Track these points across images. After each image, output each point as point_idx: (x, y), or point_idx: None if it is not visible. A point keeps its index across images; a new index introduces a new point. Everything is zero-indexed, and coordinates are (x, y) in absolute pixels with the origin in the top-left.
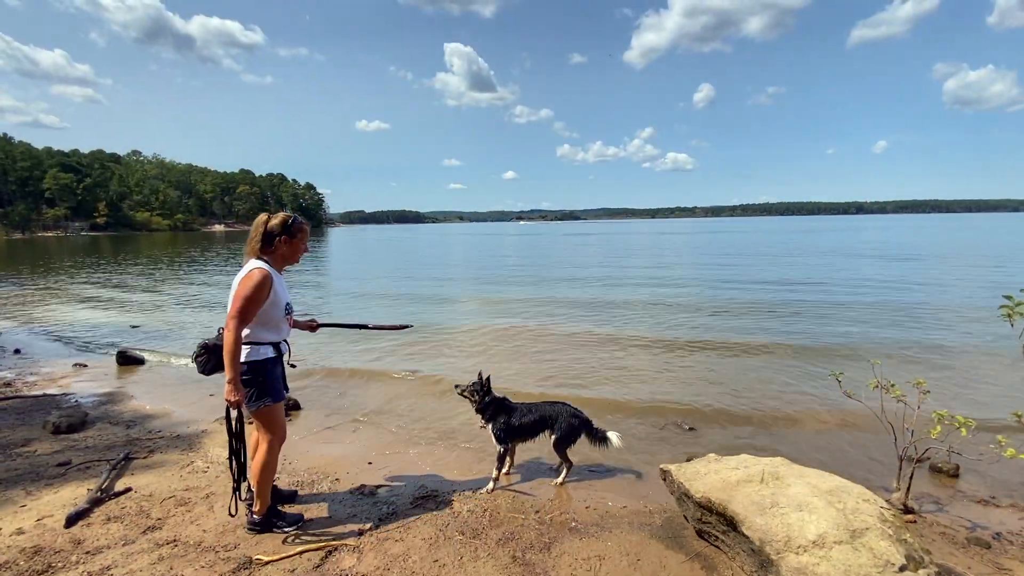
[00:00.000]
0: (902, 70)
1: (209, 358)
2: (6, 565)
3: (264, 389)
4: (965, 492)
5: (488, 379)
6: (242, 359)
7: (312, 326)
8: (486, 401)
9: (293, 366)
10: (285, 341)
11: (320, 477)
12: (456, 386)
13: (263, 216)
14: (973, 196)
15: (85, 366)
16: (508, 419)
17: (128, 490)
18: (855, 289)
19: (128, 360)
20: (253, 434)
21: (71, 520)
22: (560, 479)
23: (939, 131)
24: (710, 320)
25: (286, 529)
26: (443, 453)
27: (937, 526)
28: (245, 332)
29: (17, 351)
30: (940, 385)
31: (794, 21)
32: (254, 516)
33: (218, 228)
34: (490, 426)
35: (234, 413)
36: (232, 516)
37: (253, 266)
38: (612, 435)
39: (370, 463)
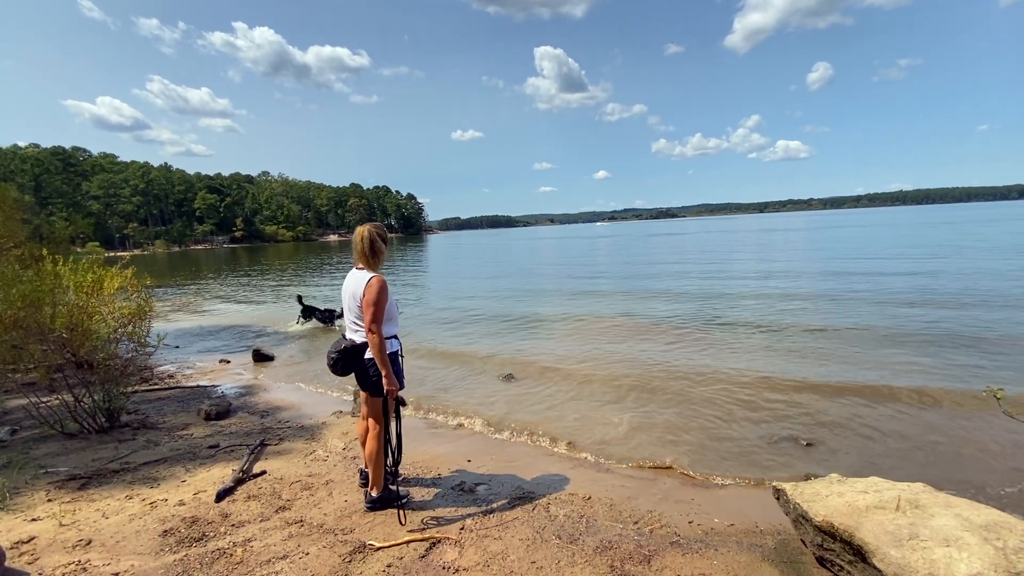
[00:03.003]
0: None
1: (347, 363)
2: (171, 531)
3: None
4: None
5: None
6: (373, 355)
7: None
8: None
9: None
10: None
11: (424, 472)
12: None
13: (365, 228)
14: None
15: (228, 362)
16: None
17: (263, 473)
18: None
19: (262, 357)
20: (361, 423)
21: (220, 496)
22: None
23: None
24: (831, 323)
25: (394, 505)
26: (541, 457)
27: None
28: None
29: (176, 347)
30: None
31: None
32: (372, 495)
33: (332, 238)
34: None
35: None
36: (397, 477)
37: (372, 275)
38: None
39: (469, 461)
